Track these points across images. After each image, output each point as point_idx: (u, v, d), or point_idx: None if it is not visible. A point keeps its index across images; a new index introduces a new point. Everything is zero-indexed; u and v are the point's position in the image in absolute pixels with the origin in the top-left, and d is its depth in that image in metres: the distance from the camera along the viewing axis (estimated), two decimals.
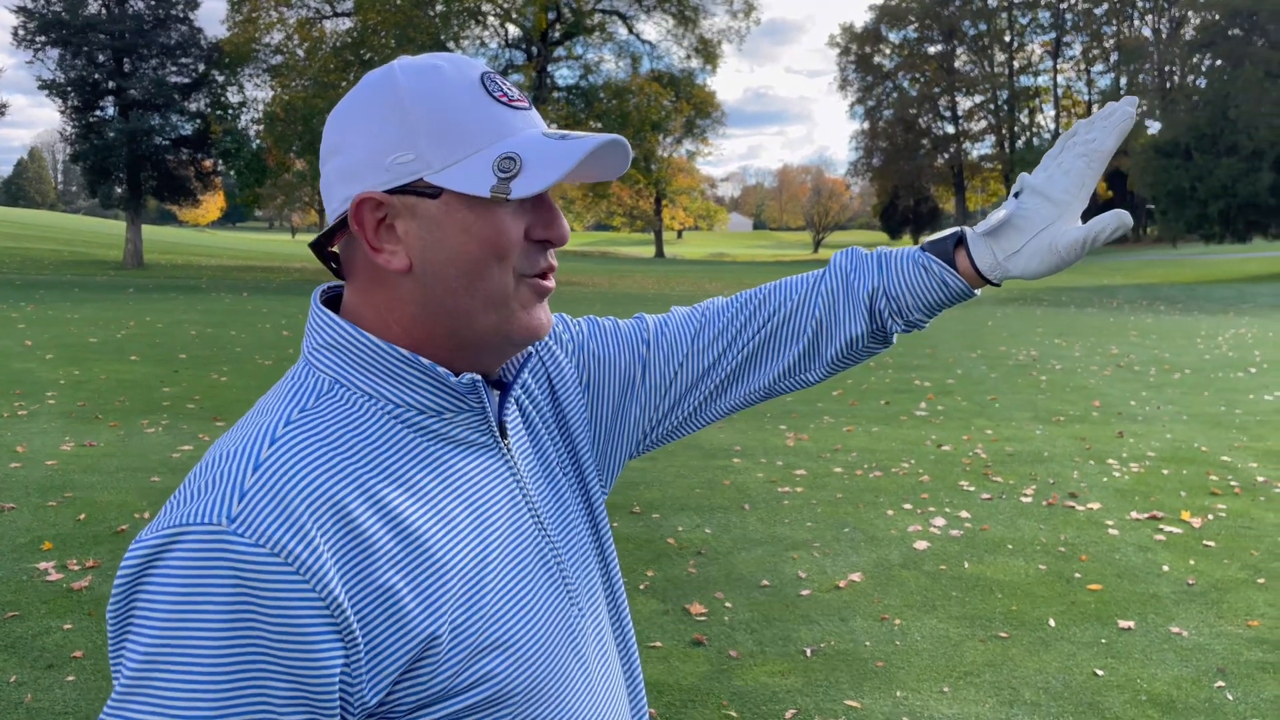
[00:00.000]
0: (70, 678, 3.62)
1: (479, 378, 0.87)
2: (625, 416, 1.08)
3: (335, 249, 0.91)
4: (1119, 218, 1.00)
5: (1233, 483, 6.52)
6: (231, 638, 0.72)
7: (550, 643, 0.88)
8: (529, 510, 0.92)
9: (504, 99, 0.86)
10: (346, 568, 0.76)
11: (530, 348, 0.99)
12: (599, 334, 1.10)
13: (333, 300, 0.95)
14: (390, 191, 0.84)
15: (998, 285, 1.07)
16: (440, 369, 0.86)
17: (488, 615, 0.83)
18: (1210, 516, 5.75)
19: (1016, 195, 1.05)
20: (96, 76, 29.47)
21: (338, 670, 0.74)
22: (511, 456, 0.93)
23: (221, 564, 0.72)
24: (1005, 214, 1.03)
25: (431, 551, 0.81)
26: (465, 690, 0.80)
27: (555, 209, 0.89)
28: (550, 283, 0.90)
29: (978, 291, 1.07)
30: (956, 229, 1.08)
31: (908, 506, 5.96)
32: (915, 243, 1.12)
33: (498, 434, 0.92)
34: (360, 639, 0.75)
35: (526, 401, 1.02)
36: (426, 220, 0.84)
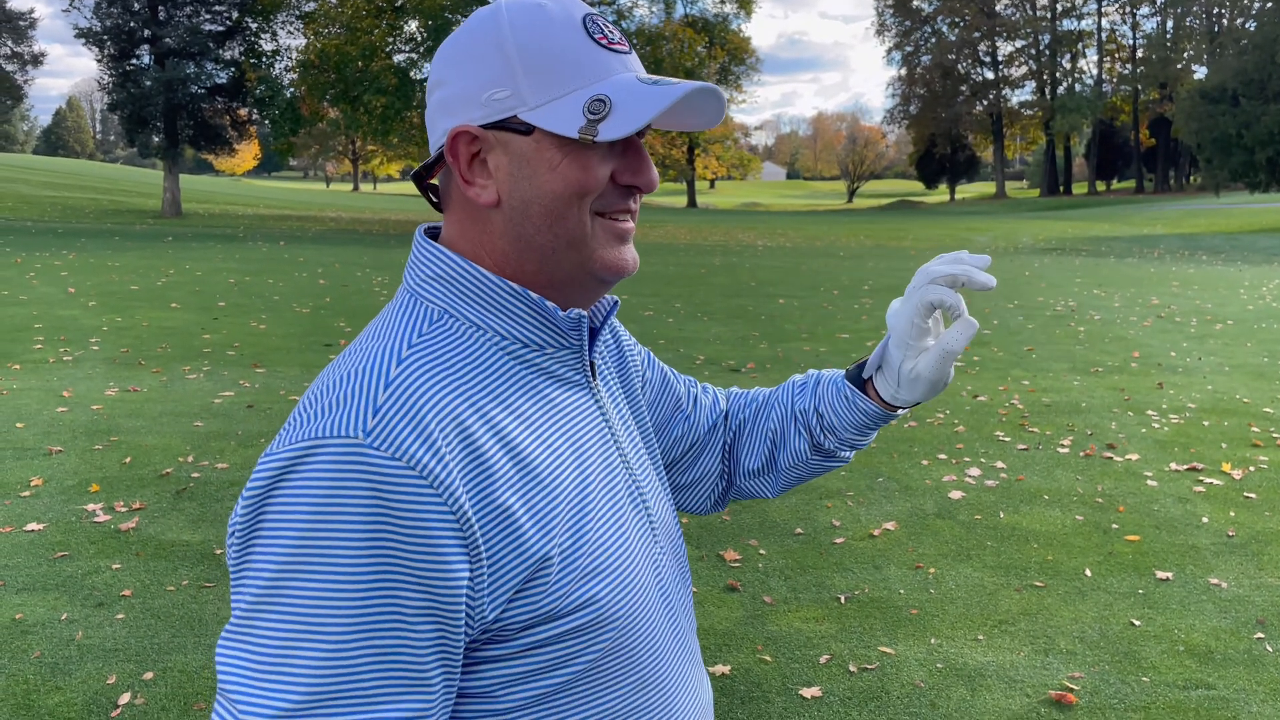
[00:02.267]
0: (120, 615, 3.72)
1: (584, 314, 0.90)
2: (661, 437, 1.16)
3: (435, 181, 0.93)
4: (968, 326, 1.05)
5: (1275, 434, 6.43)
6: (368, 548, 0.73)
7: (642, 572, 0.91)
8: (616, 448, 0.95)
9: (604, 41, 0.87)
10: (472, 485, 0.78)
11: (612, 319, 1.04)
12: (661, 367, 1.18)
13: (432, 236, 0.96)
14: (485, 126, 0.86)
15: (907, 409, 1.13)
16: (549, 304, 0.88)
17: (592, 541, 0.85)
18: (1251, 468, 5.69)
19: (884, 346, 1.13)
20: (132, 25, 29.53)
21: (465, 582, 0.76)
22: (601, 396, 0.96)
23: (359, 475, 0.73)
24: (878, 353, 1.11)
25: (541, 477, 0.83)
26: (572, 612, 0.83)
27: (644, 155, 0.90)
28: (629, 224, 0.91)
29: (900, 410, 1.13)
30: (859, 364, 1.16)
31: (943, 456, 5.94)
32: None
33: (589, 373, 0.95)
34: (484, 554, 0.77)
35: (606, 353, 1.06)
36: (518, 156, 0.86)
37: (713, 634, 3.66)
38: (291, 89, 31.23)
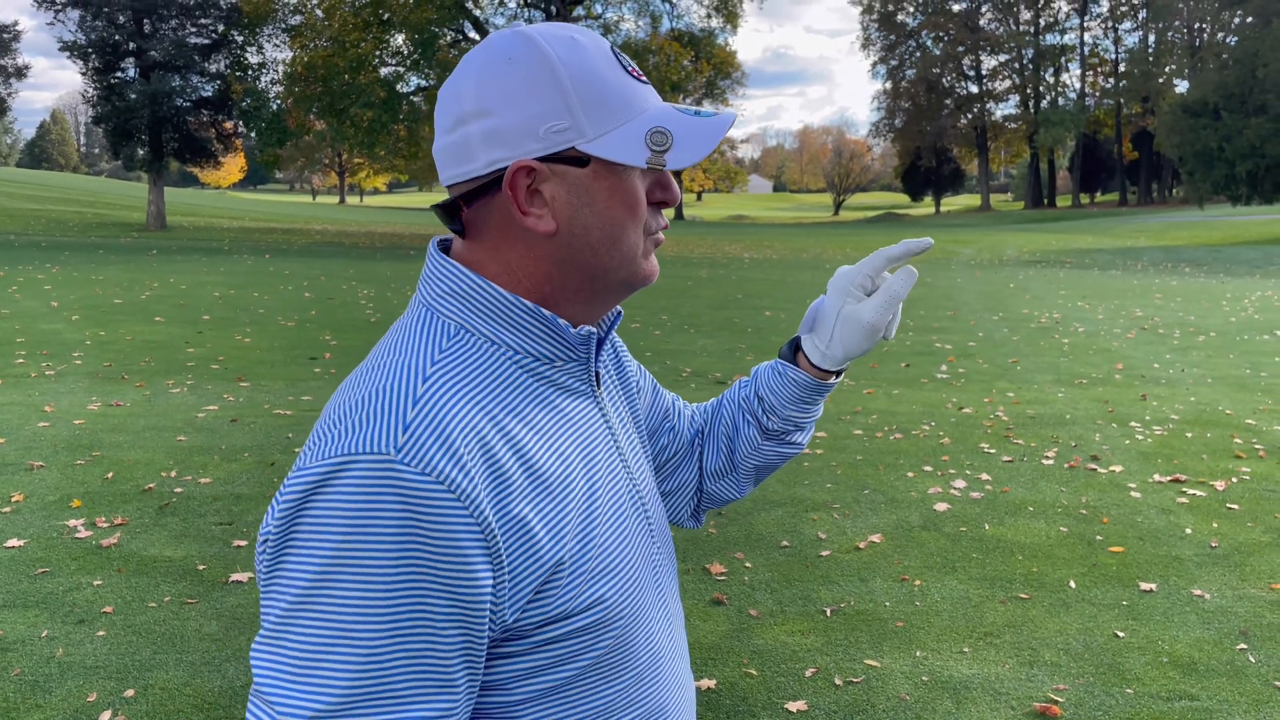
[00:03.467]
0: (101, 632, 3.69)
1: (594, 331, 0.95)
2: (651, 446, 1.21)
3: (455, 197, 0.94)
4: (910, 274, 1.12)
5: (1257, 446, 6.47)
6: (399, 558, 0.77)
7: (641, 573, 0.97)
8: (619, 453, 1.00)
9: (634, 73, 0.93)
10: (494, 498, 0.82)
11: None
12: (652, 386, 1.23)
13: (447, 249, 0.99)
14: (542, 159, 0.88)
15: (835, 375, 1.19)
16: (561, 322, 0.92)
17: (598, 544, 0.91)
18: (1234, 479, 5.72)
19: (818, 305, 1.20)
20: (117, 38, 29.45)
21: (489, 590, 0.81)
22: (605, 404, 1.01)
23: (391, 490, 0.77)
24: (812, 308, 1.18)
25: (553, 487, 0.88)
26: (582, 611, 0.88)
27: (670, 175, 0.97)
28: (662, 236, 0.98)
29: (833, 380, 1.19)
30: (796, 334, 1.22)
31: (928, 469, 5.95)
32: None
33: (594, 383, 0.99)
34: (505, 563, 0.82)
35: (608, 361, 1.12)
36: (575, 186, 0.90)
37: (698, 647, 3.65)
38: (277, 101, 31.20)
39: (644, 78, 0.94)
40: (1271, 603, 4.05)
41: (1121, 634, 3.78)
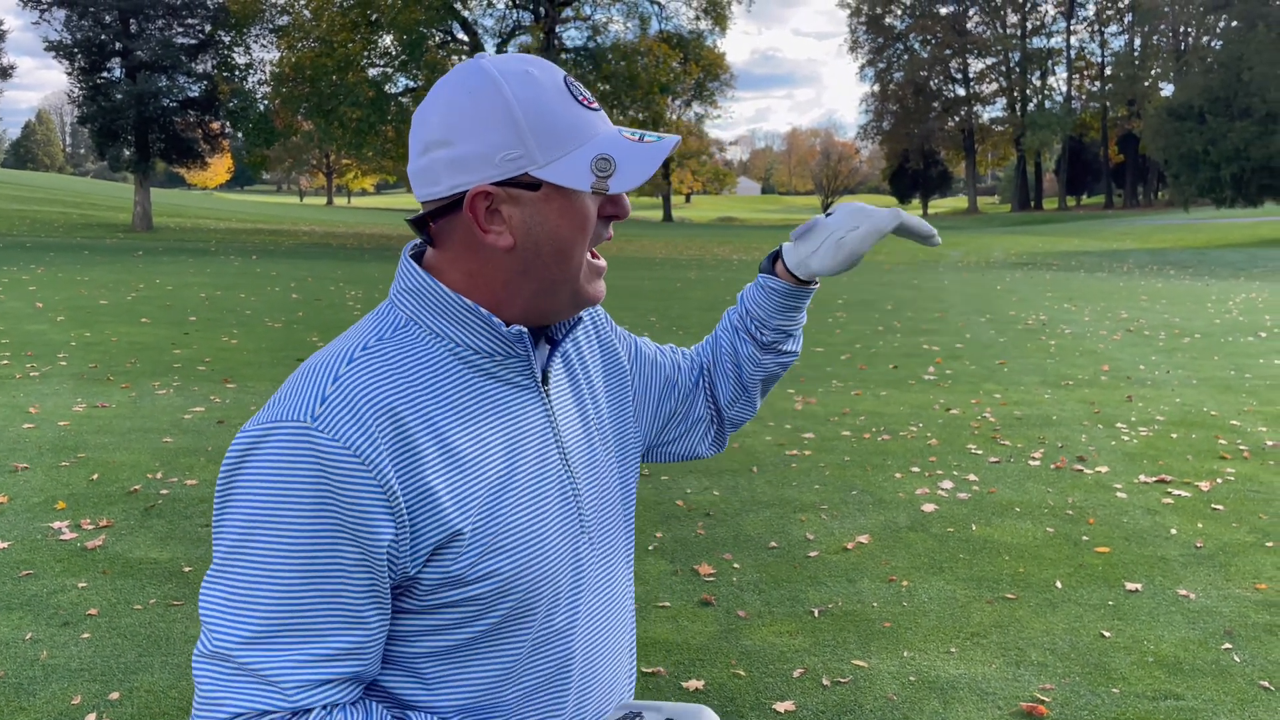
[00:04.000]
0: (85, 635, 3.67)
1: (525, 330, 1.04)
2: (660, 409, 1.32)
3: (426, 217, 1.06)
4: (897, 215, 1.26)
5: (1242, 447, 6.51)
6: (315, 512, 0.92)
7: (552, 558, 1.05)
8: (557, 448, 1.09)
9: (584, 102, 1.03)
10: (399, 465, 0.94)
11: (591, 320, 1.25)
12: (646, 349, 1.33)
13: (418, 255, 1.11)
14: (498, 183, 1.00)
15: (810, 284, 1.31)
16: (495, 319, 1.03)
17: (502, 522, 1.01)
18: (1219, 480, 5.76)
19: (827, 214, 1.31)
20: (103, 38, 29.28)
21: (388, 541, 0.94)
22: (549, 401, 1.10)
23: (307, 453, 0.92)
24: (812, 221, 1.30)
25: (465, 462, 0.99)
26: (476, 580, 0.99)
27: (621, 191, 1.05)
28: (601, 261, 1.09)
29: (811, 287, 1.32)
30: (773, 253, 1.35)
31: (915, 469, 5.97)
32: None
33: (539, 380, 1.09)
34: (406, 520, 0.95)
35: (575, 359, 1.20)
36: (528, 207, 1.01)
37: (686, 648, 3.65)
38: (265, 102, 31.09)
39: (595, 106, 1.04)
40: (1256, 603, 4.07)
41: (1107, 634, 3.79)
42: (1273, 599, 4.10)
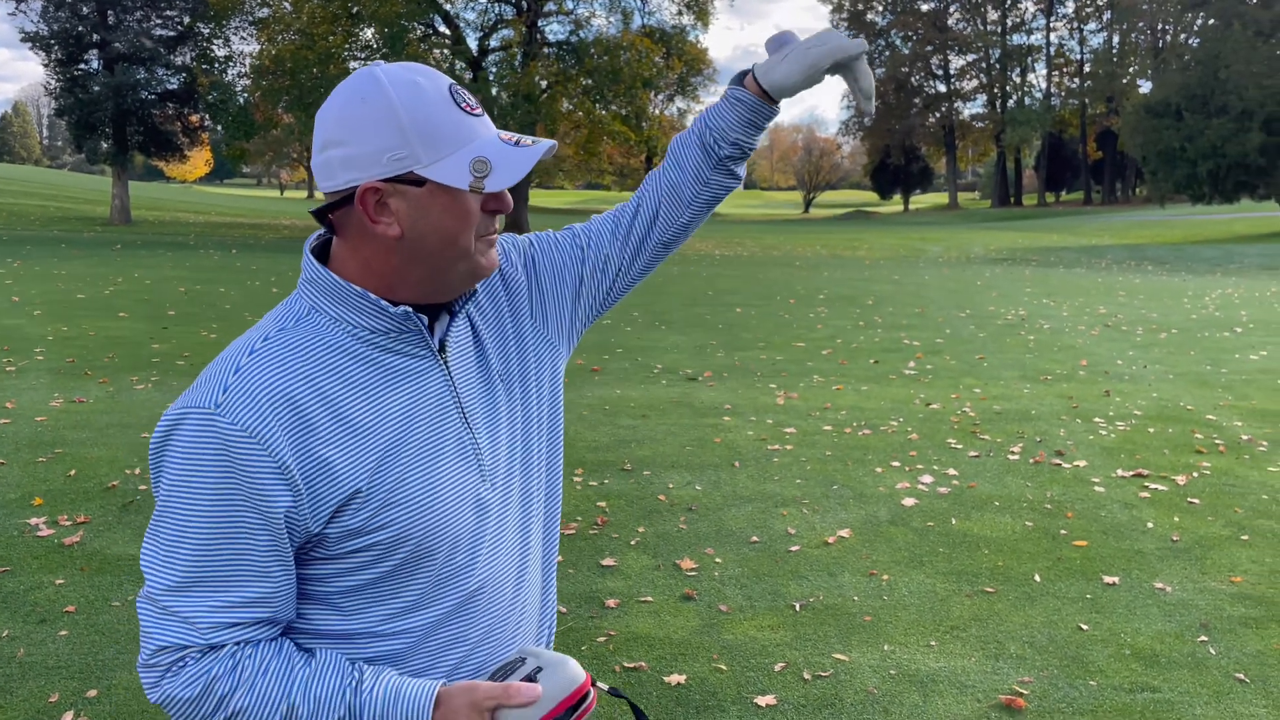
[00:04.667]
0: (63, 632, 3.64)
1: (410, 309, 1.17)
2: (580, 299, 1.43)
3: (325, 209, 1.19)
4: (861, 46, 1.37)
5: (1217, 441, 6.58)
6: (220, 483, 1.09)
7: (449, 505, 1.19)
8: (457, 409, 1.23)
9: (466, 108, 1.15)
10: (294, 441, 1.10)
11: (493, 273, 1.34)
12: (546, 245, 1.43)
13: (324, 245, 1.24)
14: (386, 180, 1.12)
15: (772, 98, 1.40)
16: (383, 302, 1.16)
17: (397, 479, 1.15)
18: (1195, 474, 5.81)
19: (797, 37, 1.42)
20: (80, 29, 28.97)
21: (284, 507, 1.10)
22: (448, 369, 1.23)
23: (211, 435, 1.08)
24: (786, 33, 1.41)
25: (361, 429, 1.14)
26: (374, 530, 1.14)
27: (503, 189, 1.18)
28: (495, 236, 1.22)
29: (774, 108, 1.41)
30: (743, 70, 1.43)
31: (896, 464, 6.00)
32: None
33: (435, 350, 1.22)
34: (303, 488, 1.11)
35: (478, 320, 1.31)
36: (414, 201, 1.14)
37: (668, 643, 3.66)
38: (244, 95, 30.84)
39: (478, 112, 1.17)
40: (1231, 595, 4.11)
41: (1085, 627, 3.83)
42: (1248, 592, 4.15)
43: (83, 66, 29.72)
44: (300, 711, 1.13)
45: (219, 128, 31.78)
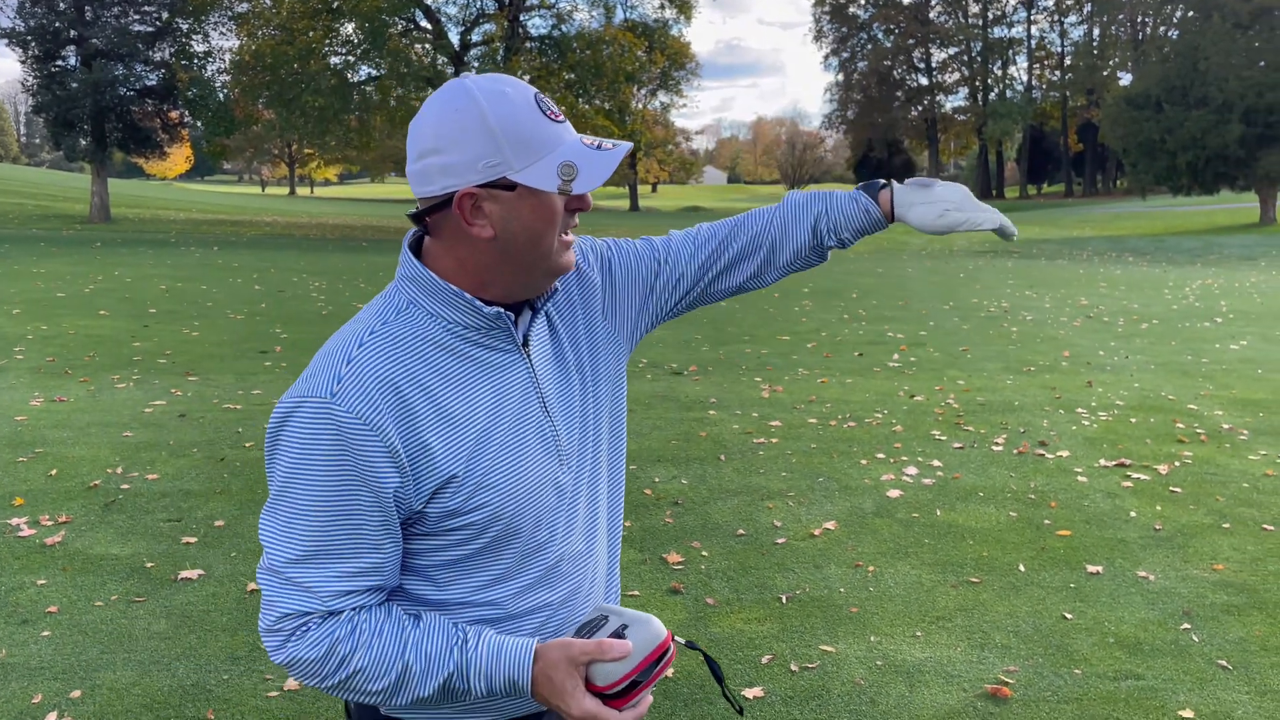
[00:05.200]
0: (45, 633, 3.61)
1: (502, 310, 1.27)
2: (647, 305, 1.53)
3: (421, 210, 1.29)
4: (997, 220, 1.53)
5: (1199, 430, 6.62)
6: (336, 466, 1.19)
7: (533, 488, 1.31)
8: (538, 400, 1.34)
9: (551, 115, 1.24)
10: (401, 428, 1.21)
11: (570, 273, 1.43)
12: (624, 252, 1.53)
13: (418, 242, 1.34)
14: (480, 186, 1.22)
15: (891, 222, 1.55)
16: (477, 302, 1.26)
17: (489, 463, 1.27)
18: (1177, 463, 5.85)
19: (942, 184, 1.54)
20: (58, 25, 28.66)
21: (393, 486, 1.22)
22: (530, 362, 1.34)
23: (328, 422, 1.19)
24: (931, 181, 1.54)
25: (456, 418, 1.25)
26: (470, 512, 1.26)
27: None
28: (571, 237, 1.32)
29: (889, 225, 1.55)
30: (881, 180, 1.56)
31: (881, 456, 6.02)
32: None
33: (519, 346, 1.32)
34: (408, 469, 1.22)
35: (557, 318, 1.41)
36: (507, 205, 1.23)
37: None
38: (224, 90, 30.62)
39: (561, 119, 1.25)
40: (1213, 583, 4.15)
41: (1069, 615, 3.85)
42: (1230, 579, 4.19)
43: (60, 63, 29.41)
44: (414, 668, 1.24)
45: (199, 124, 31.53)
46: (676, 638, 1.31)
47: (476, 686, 1.25)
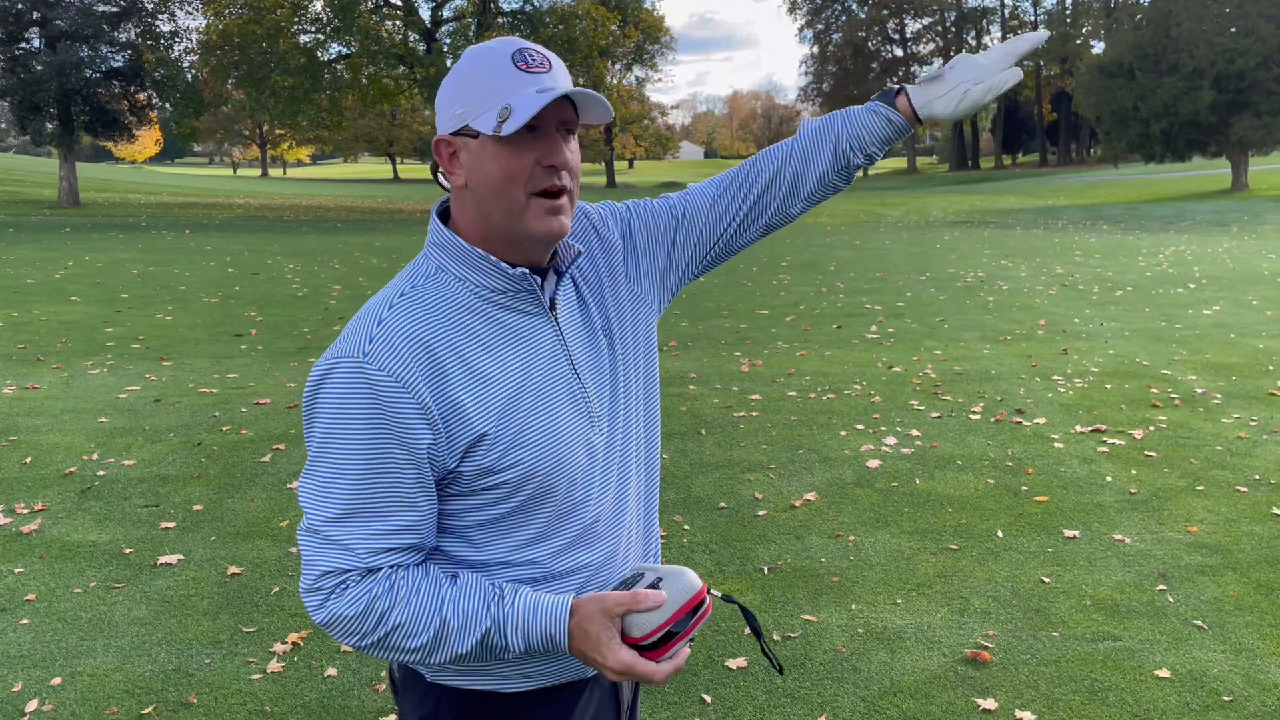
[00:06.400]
0: (24, 621, 3.59)
1: (528, 271, 1.30)
2: (671, 262, 1.53)
3: (434, 171, 1.36)
4: (1016, 74, 1.50)
5: (1173, 395, 6.69)
6: (371, 424, 1.21)
7: (565, 447, 1.31)
8: (567, 362, 1.35)
9: (523, 66, 1.25)
10: (432, 385, 1.23)
11: (590, 235, 1.46)
12: (642, 211, 1.53)
13: (445, 213, 1.37)
14: (453, 134, 1.28)
15: (922, 124, 1.52)
16: (502, 264, 1.29)
17: (520, 422, 1.28)
18: (1151, 428, 5.91)
19: (949, 66, 1.52)
20: (20, 6, 28.15)
21: (426, 443, 1.24)
22: (558, 324, 1.35)
23: (361, 382, 1.21)
24: (939, 70, 1.51)
25: (486, 379, 1.27)
26: (504, 470, 1.27)
27: (555, 141, 1.27)
28: (559, 200, 1.29)
29: (915, 129, 1.53)
30: (897, 85, 1.54)
31: (860, 427, 6.04)
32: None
33: (546, 308, 1.34)
34: (441, 427, 1.24)
35: (583, 283, 1.42)
36: (472, 153, 1.27)
37: None
38: (192, 71, 30.20)
39: (540, 68, 1.25)
40: (1188, 545, 4.20)
41: (1047, 580, 3.89)
42: (1204, 541, 4.24)
43: (24, 45, 28.92)
44: (451, 624, 1.25)
45: (167, 106, 31.10)
46: (713, 591, 1.30)
47: (514, 642, 1.26)
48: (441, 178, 1.34)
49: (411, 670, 1.40)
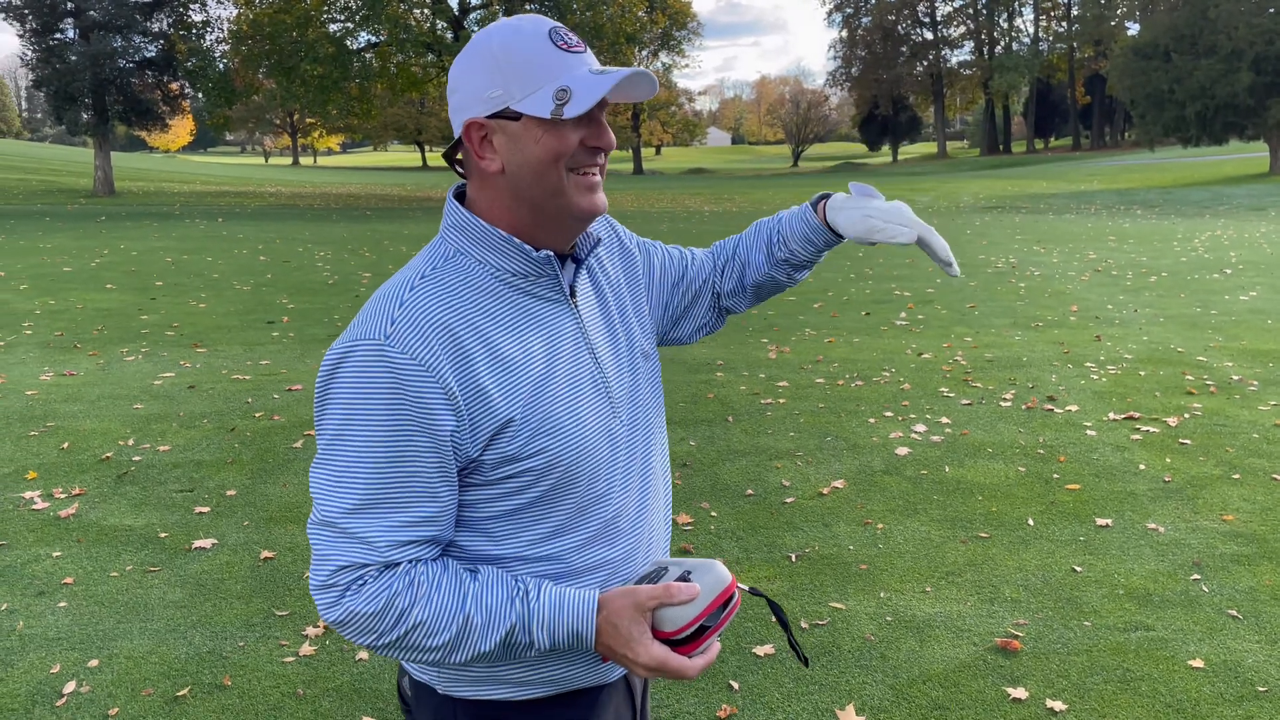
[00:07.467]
0: (62, 604, 3.65)
1: (552, 253, 1.27)
2: (671, 300, 1.56)
3: (459, 157, 1.31)
4: (914, 235, 1.47)
5: (1208, 382, 6.60)
6: (392, 408, 1.15)
7: (590, 435, 1.28)
8: (588, 349, 1.32)
9: (564, 46, 1.21)
10: (456, 369, 1.18)
11: (611, 238, 1.47)
12: (658, 248, 1.57)
13: (461, 192, 1.33)
14: (488, 117, 1.21)
15: (836, 236, 1.52)
16: (526, 246, 1.25)
17: (546, 409, 1.23)
18: (1186, 415, 5.84)
19: (890, 201, 1.52)
20: None
21: (450, 430, 1.18)
22: (578, 311, 1.33)
23: (382, 365, 1.15)
24: (871, 189, 1.52)
25: (512, 364, 1.22)
26: (529, 457, 1.22)
27: (603, 123, 1.25)
28: (595, 177, 1.26)
29: (834, 238, 1.53)
30: (827, 193, 1.56)
31: (889, 414, 6.01)
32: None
33: (567, 294, 1.31)
34: (465, 412, 1.18)
35: (600, 273, 1.41)
36: (512, 136, 1.21)
37: None
38: (224, 61, 30.42)
39: (580, 49, 1.22)
40: (1223, 534, 4.15)
41: (1079, 569, 3.86)
42: (1239, 530, 4.19)
43: (59, 36, 29.21)
44: (475, 621, 1.19)
45: (199, 95, 31.34)
46: (740, 584, 1.27)
47: (539, 639, 1.21)
48: (459, 164, 1.30)
49: (422, 685, 1.35)
